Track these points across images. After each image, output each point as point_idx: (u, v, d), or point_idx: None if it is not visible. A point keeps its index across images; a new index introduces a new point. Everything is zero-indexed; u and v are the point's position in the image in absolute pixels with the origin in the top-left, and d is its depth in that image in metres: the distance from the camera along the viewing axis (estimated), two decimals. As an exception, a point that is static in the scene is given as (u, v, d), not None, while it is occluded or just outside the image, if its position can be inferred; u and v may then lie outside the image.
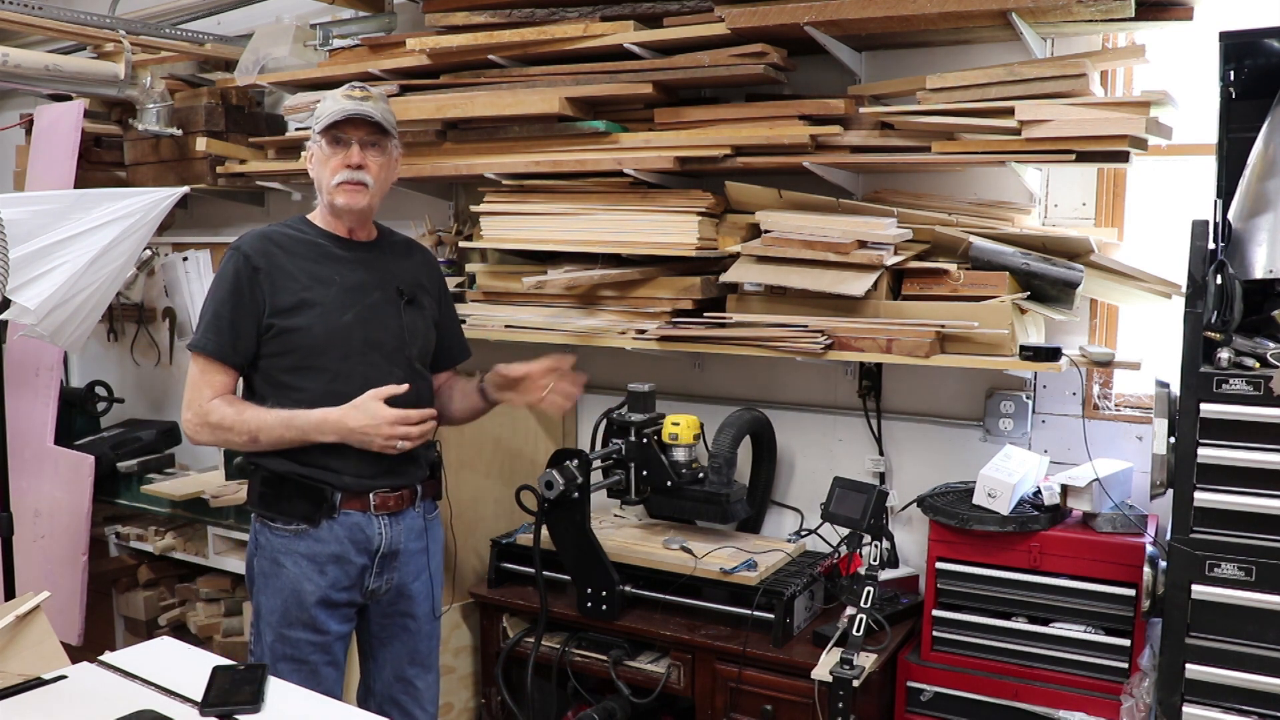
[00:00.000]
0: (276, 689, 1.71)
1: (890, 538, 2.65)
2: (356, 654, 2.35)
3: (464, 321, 3.05)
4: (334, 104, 2.13)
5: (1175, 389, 1.94)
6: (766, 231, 2.61)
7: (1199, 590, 1.90)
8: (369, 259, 2.23)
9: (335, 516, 2.14)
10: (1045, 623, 2.34)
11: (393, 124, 2.19)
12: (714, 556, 2.62)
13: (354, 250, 2.21)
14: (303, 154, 2.23)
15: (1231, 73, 2.09)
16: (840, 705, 2.17)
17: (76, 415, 4.26)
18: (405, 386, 2.13)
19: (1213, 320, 1.90)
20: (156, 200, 3.22)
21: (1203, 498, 1.89)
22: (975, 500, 2.39)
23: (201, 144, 3.54)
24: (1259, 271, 1.96)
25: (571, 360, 2.35)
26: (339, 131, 2.13)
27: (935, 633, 2.43)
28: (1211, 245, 1.97)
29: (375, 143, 2.16)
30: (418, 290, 2.27)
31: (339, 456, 2.13)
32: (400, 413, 2.11)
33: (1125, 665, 2.25)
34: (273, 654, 2.15)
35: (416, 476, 2.25)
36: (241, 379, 2.18)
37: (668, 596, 2.64)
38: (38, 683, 1.72)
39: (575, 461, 2.52)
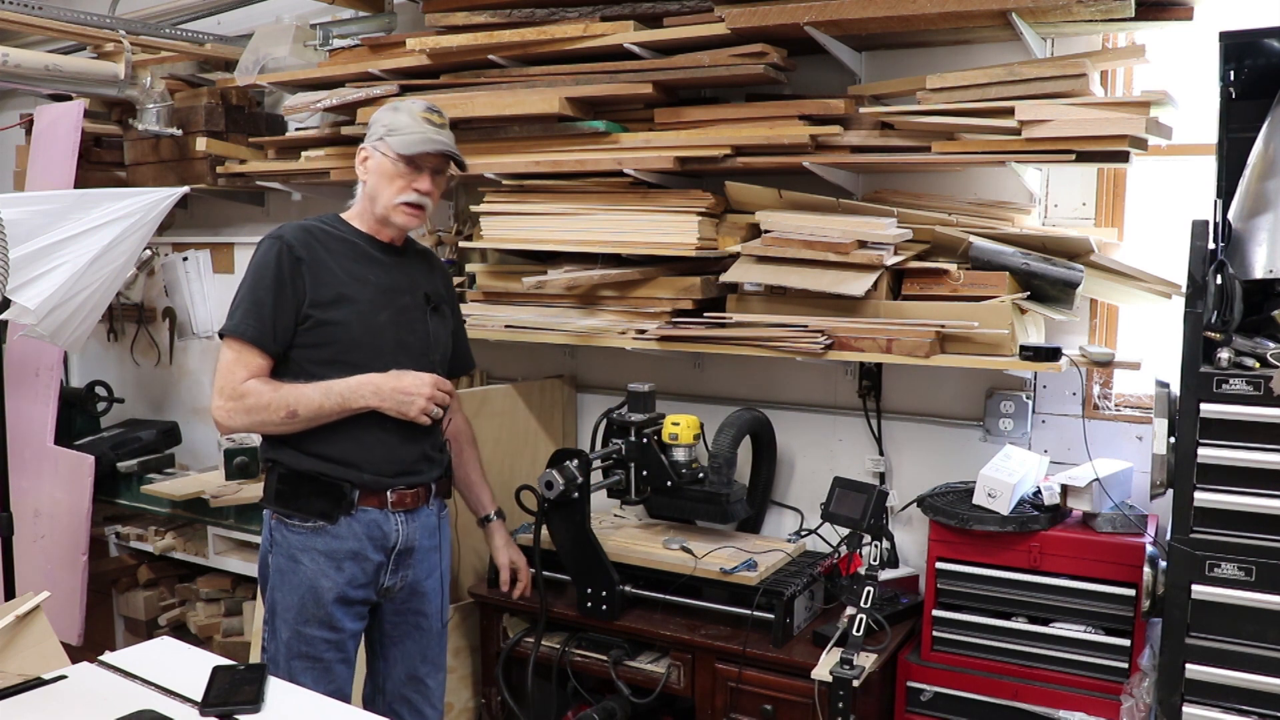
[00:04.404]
0: (276, 689, 1.71)
1: (890, 538, 2.66)
2: (364, 652, 2.35)
3: (464, 321, 3.06)
4: (415, 125, 2.17)
5: (1175, 389, 1.94)
6: (766, 231, 2.61)
7: (1199, 590, 1.89)
8: (400, 264, 2.28)
9: (353, 513, 2.16)
10: (1045, 623, 2.34)
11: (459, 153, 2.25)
12: (714, 556, 2.62)
13: (388, 254, 2.27)
14: (359, 151, 2.27)
15: (1231, 73, 2.09)
16: (840, 705, 2.17)
17: (76, 415, 4.26)
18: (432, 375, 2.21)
19: (1213, 320, 1.90)
20: (156, 200, 3.22)
21: (1203, 498, 1.89)
22: (975, 500, 2.39)
23: (201, 144, 3.54)
24: (1259, 271, 1.96)
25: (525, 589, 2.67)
26: (417, 157, 2.17)
27: (935, 633, 2.43)
28: (1211, 245, 1.96)
29: (442, 170, 2.23)
30: (440, 299, 2.35)
31: (361, 451, 2.16)
32: (440, 379, 2.21)
33: (1125, 665, 2.25)
34: (288, 651, 2.16)
35: (431, 475, 2.29)
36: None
37: (668, 596, 2.64)
38: (38, 683, 1.72)
39: (575, 461, 2.52)
